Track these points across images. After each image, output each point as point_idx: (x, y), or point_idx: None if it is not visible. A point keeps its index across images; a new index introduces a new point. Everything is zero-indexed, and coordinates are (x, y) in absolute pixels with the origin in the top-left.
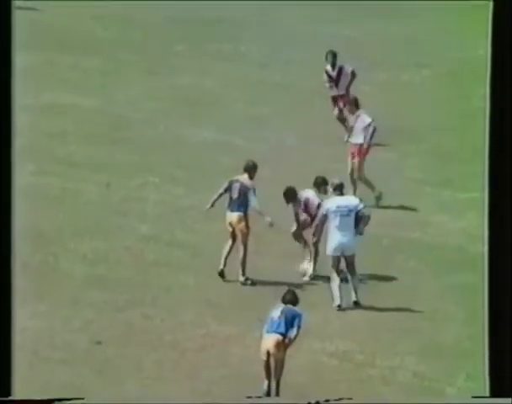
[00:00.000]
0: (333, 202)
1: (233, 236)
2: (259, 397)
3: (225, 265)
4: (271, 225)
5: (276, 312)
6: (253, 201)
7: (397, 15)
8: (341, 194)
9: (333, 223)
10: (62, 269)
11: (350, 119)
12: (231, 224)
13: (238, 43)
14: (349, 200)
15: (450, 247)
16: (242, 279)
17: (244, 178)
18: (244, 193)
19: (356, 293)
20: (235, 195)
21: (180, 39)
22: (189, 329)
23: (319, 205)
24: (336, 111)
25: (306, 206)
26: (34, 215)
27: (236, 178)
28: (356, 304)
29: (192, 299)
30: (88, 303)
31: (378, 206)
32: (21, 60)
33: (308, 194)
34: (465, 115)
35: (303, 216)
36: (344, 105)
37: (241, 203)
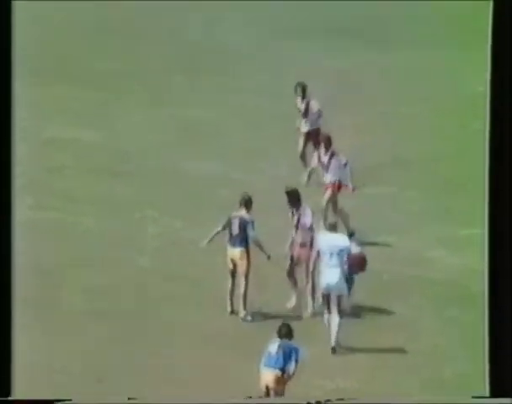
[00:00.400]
0: (324, 239)
1: (233, 273)
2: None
3: (232, 305)
4: (269, 258)
5: (273, 347)
6: (253, 234)
7: (397, 48)
8: (334, 232)
9: (323, 261)
10: (61, 303)
11: (323, 157)
12: (233, 259)
13: (237, 74)
14: (341, 240)
15: (450, 283)
16: (242, 313)
17: (242, 212)
18: (244, 227)
19: (336, 338)
20: (235, 231)
21: (180, 70)
22: (190, 363)
23: (311, 227)
24: (300, 148)
25: (299, 220)
26: (34, 249)
27: (234, 213)
28: (334, 350)
29: (192, 332)
30: (87, 337)
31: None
32: (21, 92)
33: (306, 209)
34: (465, 149)
35: (296, 248)
36: (315, 143)
37: (242, 237)
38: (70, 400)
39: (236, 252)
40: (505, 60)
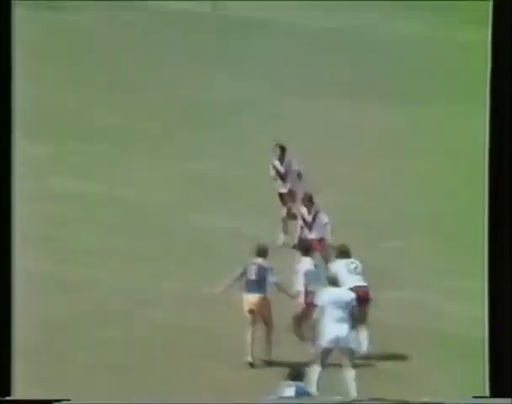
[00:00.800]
0: (328, 294)
1: (252, 321)
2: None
3: (253, 355)
4: (295, 296)
5: (290, 393)
6: (273, 279)
7: (403, 103)
8: (336, 286)
9: (328, 315)
10: (73, 357)
11: (306, 216)
12: (250, 306)
13: (247, 128)
14: (345, 293)
15: (458, 335)
16: (266, 358)
17: (259, 260)
18: (262, 273)
19: (356, 390)
20: (252, 277)
21: (188, 124)
22: None
23: (304, 276)
24: (284, 211)
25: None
26: (47, 303)
27: (251, 261)
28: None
29: (208, 385)
30: (99, 391)
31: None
32: (29, 148)
33: (302, 258)
34: (469, 202)
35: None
36: (293, 203)
37: (260, 283)
38: (69, 400)
39: (254, 298)
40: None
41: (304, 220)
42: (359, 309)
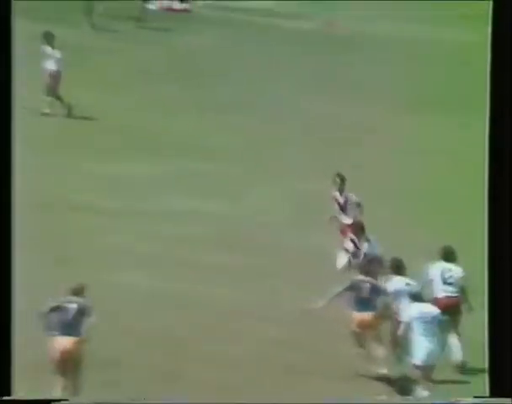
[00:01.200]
0: (415, 309)
1: (363, 339)
2: None
3: (364, 373)
4: (389, 316)
5: None
6: (386, 300)
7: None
8: (421, 301)
9: (416, 330)
10: (189, 373)
11: (358, 243)
12: (361, 324)
13: (354, 148)
14: (430, 308)
15: None
16: (385, 370)
17: (369, 278)
18: (376, 292)
19: None
20: (365, 294)
21: (300, 144)
22: None
23: (396, 292)
24: (350, 244)
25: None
26: (168, 319)
27: (360, 277)
28: None
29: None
30: None
31: None
32: (150, 167)
33: (391, 277)
34: None
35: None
36: (355, 234)
37: (372, 302)
38: (67, 400)
39: (365, 316)
40: None
41: (356, 246)
42: (447, 320)
